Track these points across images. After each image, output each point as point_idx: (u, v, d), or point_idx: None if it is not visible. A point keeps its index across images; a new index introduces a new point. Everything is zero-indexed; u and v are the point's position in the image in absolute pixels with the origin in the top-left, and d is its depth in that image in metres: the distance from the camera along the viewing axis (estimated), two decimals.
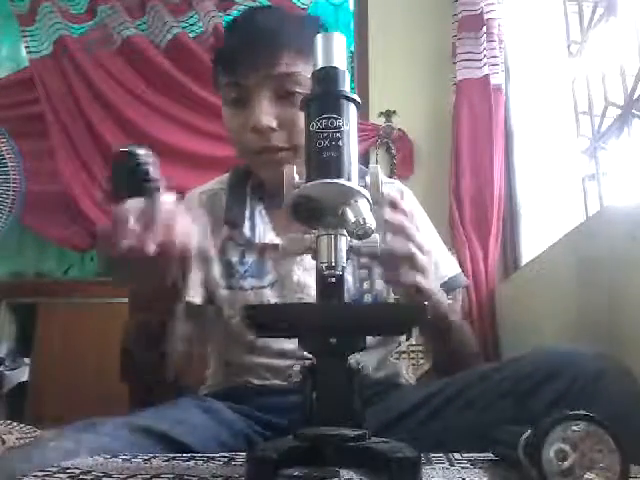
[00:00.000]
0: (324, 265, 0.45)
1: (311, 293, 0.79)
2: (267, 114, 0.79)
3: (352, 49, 2.39)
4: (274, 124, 0.79)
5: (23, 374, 2.11)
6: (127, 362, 0.79)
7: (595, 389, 0.56)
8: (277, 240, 0.83)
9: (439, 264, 0.79)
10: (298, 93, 0.79)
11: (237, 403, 0.80)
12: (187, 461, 0.52)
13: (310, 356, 0.45)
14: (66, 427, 0.60)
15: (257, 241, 0.85)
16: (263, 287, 0.84)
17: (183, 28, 2.38)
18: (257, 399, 0.81)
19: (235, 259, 0.86)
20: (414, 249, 0.62)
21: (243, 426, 0.76)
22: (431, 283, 0.65)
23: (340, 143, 0.45)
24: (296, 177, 0.47)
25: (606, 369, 0.59)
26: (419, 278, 0.63)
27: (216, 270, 0.86)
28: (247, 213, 0.87)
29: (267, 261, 0.85)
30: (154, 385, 0.80)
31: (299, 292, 0.83)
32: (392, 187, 0.61)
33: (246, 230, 0.86)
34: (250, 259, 0.85)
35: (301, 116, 0.70)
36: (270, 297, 0.84)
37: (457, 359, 0.78)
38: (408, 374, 1.71)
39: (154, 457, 0.55)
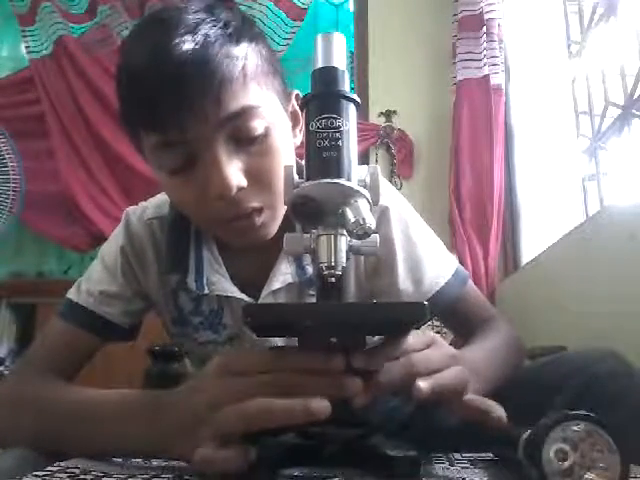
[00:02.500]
0: (324, 265, 0.44)
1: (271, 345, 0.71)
2: (233, 172, 0.57)
3: (352, 49, 2.40)
4: (244, 181, 0.58)
5: None
6: None
7: (609, 390, 0.56)
8: (236, 292, 0.69)
9: (439, 263, 0.75)
10: (258, 130, 0.58)
11: None
12: (187, 461, 0.52)
13: None
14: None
15: (207, 292, 0.69)
16: (219, 343, 0.73)
17: None
18: None
19: (188, 308, 0.73)
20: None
21: None
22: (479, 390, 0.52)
23: (340, 143, 0.45)
24: (296, 177, 0.47)
25: (619, 369, 0.58)
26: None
27: (166, 315, 0.75)
28: (192, 256, 0.70)
29: (224, 313, 0.72)
30: None
31: (259, 347, 0.68)
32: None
33: (190, 282, 0.69)
34: (205, 309, 0.72)
35: (272, 162, 0.60)
36: None
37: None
38: None
39: (154, 457, 0.55)
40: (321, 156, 0.45)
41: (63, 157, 2.31)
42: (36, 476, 0.44)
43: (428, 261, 0.72)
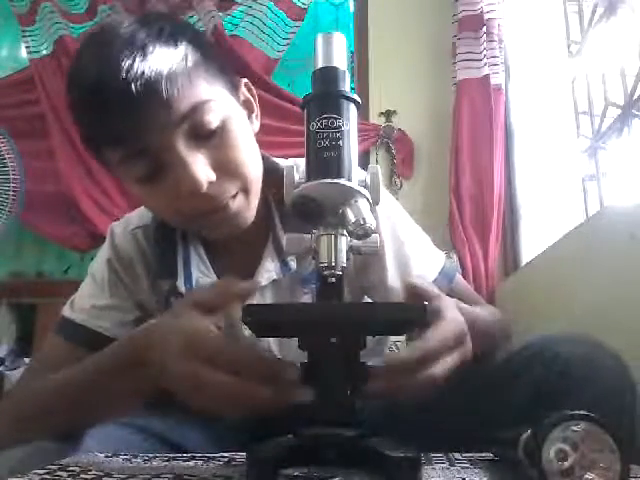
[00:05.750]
0: (324, 265, 0.44)
1: (264, 347, 0.71)
2: (200, 168, 0.58)
3: (352, 49, 2.40)
4: (212, 175, 0.60)
5: None
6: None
7: (576, 372, 0.56)
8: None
9: (426, 261, 0.76)
10: (212, 122, 0.60)
11: None
12: (187, 461, 0.52)
13: None
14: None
15: None
16: None
17: None
18: None
19: None
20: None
21: (240, 426, 0.75)
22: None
23: (340, 143, 0.45)
24: (296, 177, 0.47)
25: (586, 352, 0.58)
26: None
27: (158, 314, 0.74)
28: (180, 260, 0.71)
29: None
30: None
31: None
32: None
33: (180, 285, 0.70)
34: None
35: (235, 151, 0.62)
36: None
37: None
38: None
39: (154, 457, 0.55)
40: (321, 156, 0.45)
41: (63, 157, 2.30)
42: (37, 474, 0.44)
43: (415, 259, 0.73)
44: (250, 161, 0.64)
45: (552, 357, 0.59)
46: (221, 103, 0.62)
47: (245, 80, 0.71)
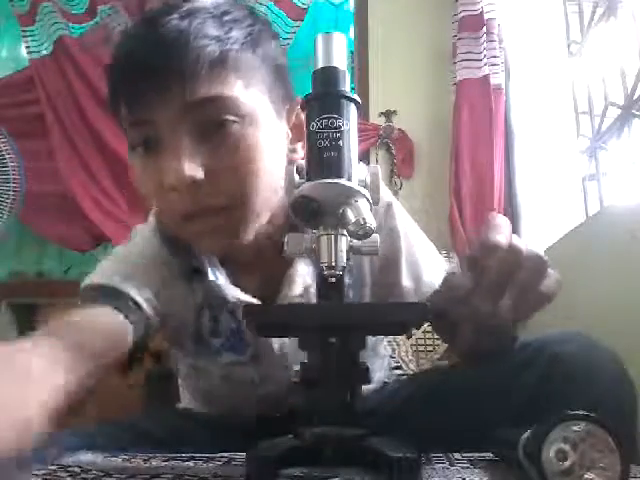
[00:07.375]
0: (324, 265, 0.44)
1: (293, 361, 0.67)
2: (189, 162, 0.53)
3: (352, 49, 2.40)
4: (200, 174, 0.53)
5: None
6: None
7: (576, 372, 0.56)
8: (247, 297, 0.64)
9: (434, 266, 0.76)
10: (230, 123, 0.55)
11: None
12: (187, 461, 0.52)
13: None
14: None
15: (221, 283, 0.64)
16: (243, 363, 0.68)
17: None
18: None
19: (207, 329, 0.68)
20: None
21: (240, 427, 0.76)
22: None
23: (340, 143, 0.45)
24: (296, 177, 0.47)
25: (585, 353, 0.58)
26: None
27: (184, 337, 0.70)
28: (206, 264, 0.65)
29: (243, 329, 0.66)
30: None
31: (282, 364, 0.68)
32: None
33: (211, 275, 0.64)
34: (224, 329, 0.67)
35: (240, 159, 0.55)
36: (253, 374, 0.69)
37: None
38: (408, 366, 1.72)
39: (154, 457, 0.55)
40: (322, 156, 0.45)
41: (63, 157, 2.31)
42: (36, 475, 0.44)
43: (424, 263, 0.72)
44: (258, 179, 0.57)
45: (552, 358, 0.59)
46: (249, 106, 0.56)
47: (299, 106, 0.65)
